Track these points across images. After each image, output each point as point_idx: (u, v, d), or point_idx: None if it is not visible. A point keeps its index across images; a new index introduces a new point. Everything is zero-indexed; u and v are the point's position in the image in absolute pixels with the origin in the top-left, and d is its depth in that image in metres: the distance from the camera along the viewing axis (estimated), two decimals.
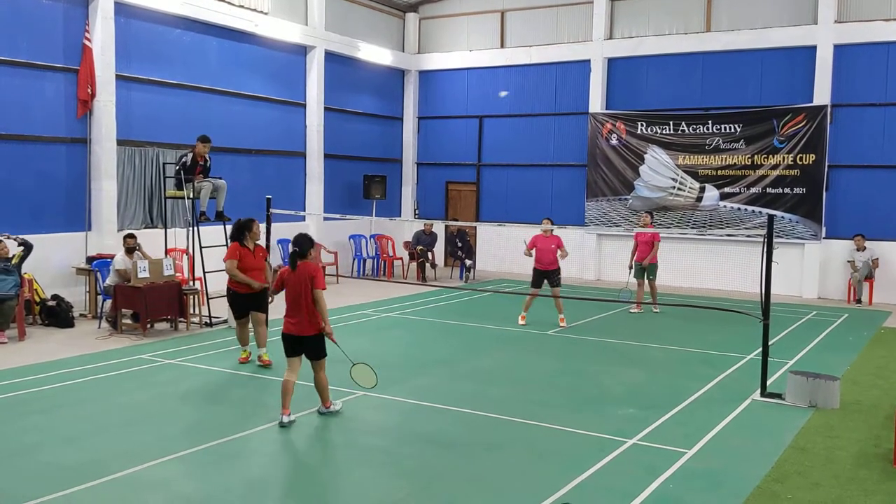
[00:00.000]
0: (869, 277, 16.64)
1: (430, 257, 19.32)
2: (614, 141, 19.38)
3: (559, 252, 13.10)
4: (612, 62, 19.75)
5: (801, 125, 17.37)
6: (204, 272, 12.83)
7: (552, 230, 13.23)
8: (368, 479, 6.31)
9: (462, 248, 19.42)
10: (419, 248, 19.14)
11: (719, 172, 18.31)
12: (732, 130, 18.10)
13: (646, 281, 14.90)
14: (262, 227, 10.65)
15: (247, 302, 9.93)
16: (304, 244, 7.71)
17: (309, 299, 7.49)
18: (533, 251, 13.19)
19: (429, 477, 6.41)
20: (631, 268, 14.85)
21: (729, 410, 8.31)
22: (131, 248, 12.11)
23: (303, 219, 18.28)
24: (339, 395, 8.62)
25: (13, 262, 11.43)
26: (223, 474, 6.31)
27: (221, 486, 6.09)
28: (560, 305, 13.17)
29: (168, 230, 13.75)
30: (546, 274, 13.15)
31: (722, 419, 8.00)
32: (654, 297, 14.75)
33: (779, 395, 8.77)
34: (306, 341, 7.61)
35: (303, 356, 7.72)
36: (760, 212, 17.72)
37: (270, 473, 6.39)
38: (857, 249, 16.77)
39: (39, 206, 13.37)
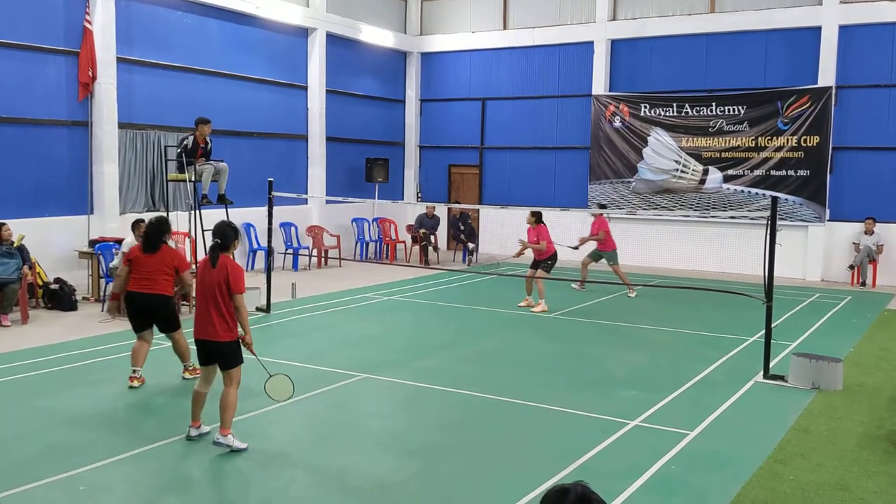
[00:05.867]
0: (871, 260, 16.59)
1: (433, 240, 19.30)
2: (617, 123, 19.29)
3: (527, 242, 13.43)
4: (615, 44, 19.62)
5: (805, 107, 17.27)
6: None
7: (533, 220, 13.29)
8: (372, 460, 6.32)
9: (464, 231, 19.40)
10: (422, 231, 19.12)
11: (723, 155, 18.23)
12: (736, 112, 18.00)
13: (602, 268, 15.08)
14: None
15: None
16: (227, 235, 6.57)
17: (222, 301, 6.42)
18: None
19: (432, 458, 6.42)
20: (576, 248, 15.03)
21: (732, 392, 8.31)
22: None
23: (305, 202, 18.26)
24: (340, 377, 8.63)
25: (15, 244, 11.42)
26: (231, 453, 6.32)
27: (234, 461, 6.12)
28: (540, 290, 13.07)
29: (170, 213, 13.70)
30: (537, 263, 13.39)
31: (725, 401, 8.00)
32: (625, 280, 14.67)
33: (782, 377, 8.77)
34: (218, 347, 6.53)
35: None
36: (764, 194, 17.64)
37: (278, 450, 6.39)
38: (866, 232, 16.70)
39: (41, 190, 13.37)
